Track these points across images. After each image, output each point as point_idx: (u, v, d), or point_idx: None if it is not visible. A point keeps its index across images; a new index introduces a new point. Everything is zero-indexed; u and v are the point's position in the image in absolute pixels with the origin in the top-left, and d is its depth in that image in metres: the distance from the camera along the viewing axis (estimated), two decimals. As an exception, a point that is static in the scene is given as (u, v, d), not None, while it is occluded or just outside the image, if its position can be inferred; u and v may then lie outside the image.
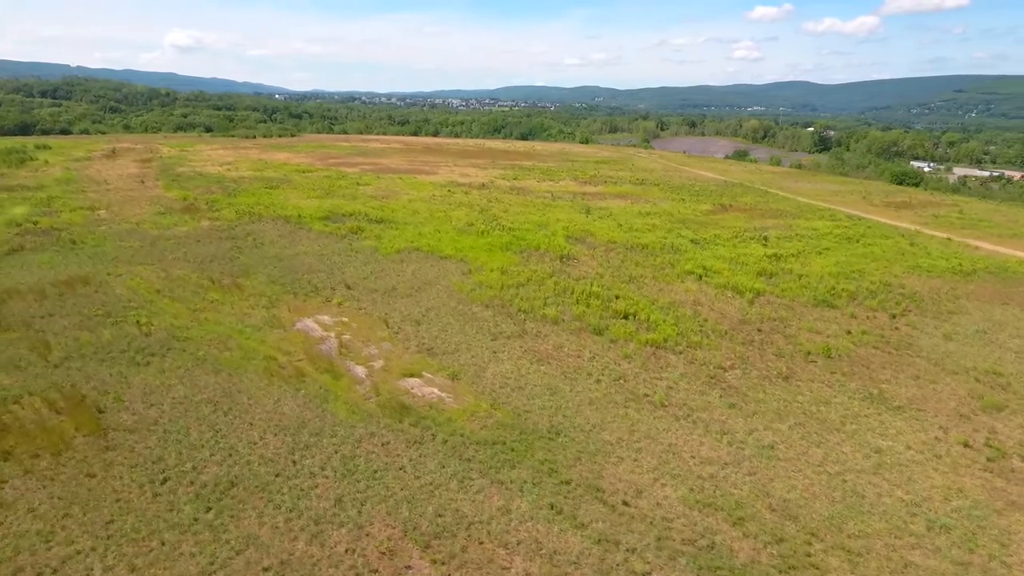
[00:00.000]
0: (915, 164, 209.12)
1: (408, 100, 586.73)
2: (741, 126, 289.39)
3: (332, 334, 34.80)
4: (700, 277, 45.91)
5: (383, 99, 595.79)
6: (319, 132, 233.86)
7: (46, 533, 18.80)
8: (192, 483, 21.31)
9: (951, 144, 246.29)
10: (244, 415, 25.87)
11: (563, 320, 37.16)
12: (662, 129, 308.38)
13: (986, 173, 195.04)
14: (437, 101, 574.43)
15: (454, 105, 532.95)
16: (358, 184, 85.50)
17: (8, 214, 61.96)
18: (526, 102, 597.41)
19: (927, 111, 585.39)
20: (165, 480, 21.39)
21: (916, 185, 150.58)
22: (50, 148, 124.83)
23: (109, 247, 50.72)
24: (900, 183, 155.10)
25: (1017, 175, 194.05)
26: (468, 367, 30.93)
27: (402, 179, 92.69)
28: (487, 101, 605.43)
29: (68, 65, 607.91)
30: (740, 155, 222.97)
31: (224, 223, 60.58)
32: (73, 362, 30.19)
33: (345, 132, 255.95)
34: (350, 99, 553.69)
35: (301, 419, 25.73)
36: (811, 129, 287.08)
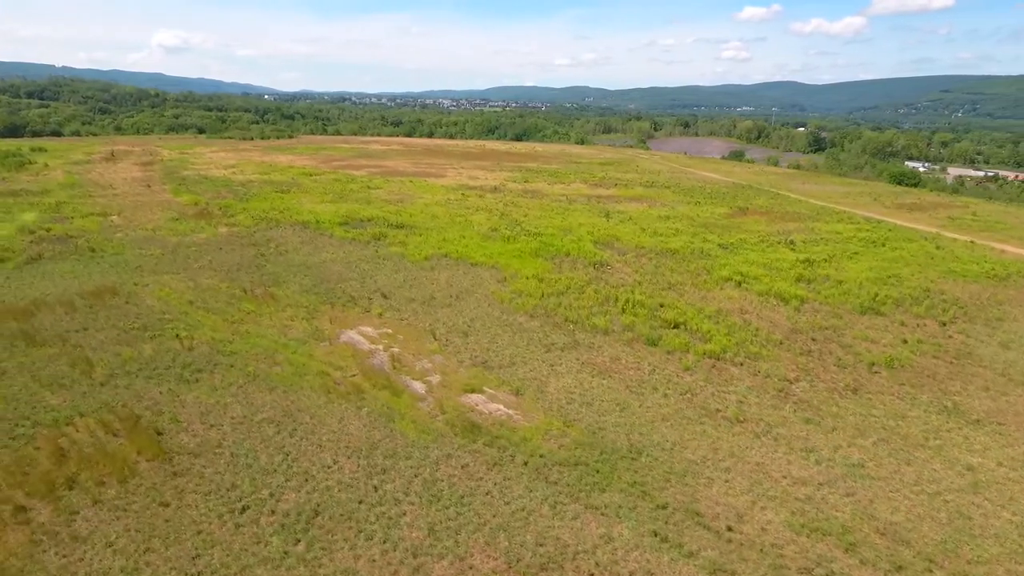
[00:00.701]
0: (909, 164, 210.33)
1: (399, 100, 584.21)
2: (735, 126, 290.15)
3: (380, 347, 33.75)
4: (739, 284, 45.22)
5: (373, 99, 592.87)
6: (313, 133, 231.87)
7: (131, 571, 17.71)
8: (273, 512, 20.27)
9: (943, 144, 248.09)
10: (311, 436, 24.81)
11: (613, 330, 36.32)
12: (656, 130, 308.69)
13: (981, 173, 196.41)
14: (428, 102, 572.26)
15: (445, 106, 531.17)
16: (369, 188, 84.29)
17: (19, 220, 60.31)
18: (517, 102, 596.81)
19: (914, 111, 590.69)
20: (244, 509, 20.34)
21: (915, 185, 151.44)
22: (46, 151, 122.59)
23: (129, 255, 49.34)
24: (899, 183, 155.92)
25: (1012, 175, 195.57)
26: (529, 381, 30.01)
27: (412, 182, 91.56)
28: (478, 101, 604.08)
29: (53, 65, 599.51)
30: (737, 155, 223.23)
31: (242, 229, 59.26)
32: (119, 379, 28.98)
33: (339, 133, 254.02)
34: (340, 99, 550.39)
35: (371, 440, 24.72)
36: (803, 129, 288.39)
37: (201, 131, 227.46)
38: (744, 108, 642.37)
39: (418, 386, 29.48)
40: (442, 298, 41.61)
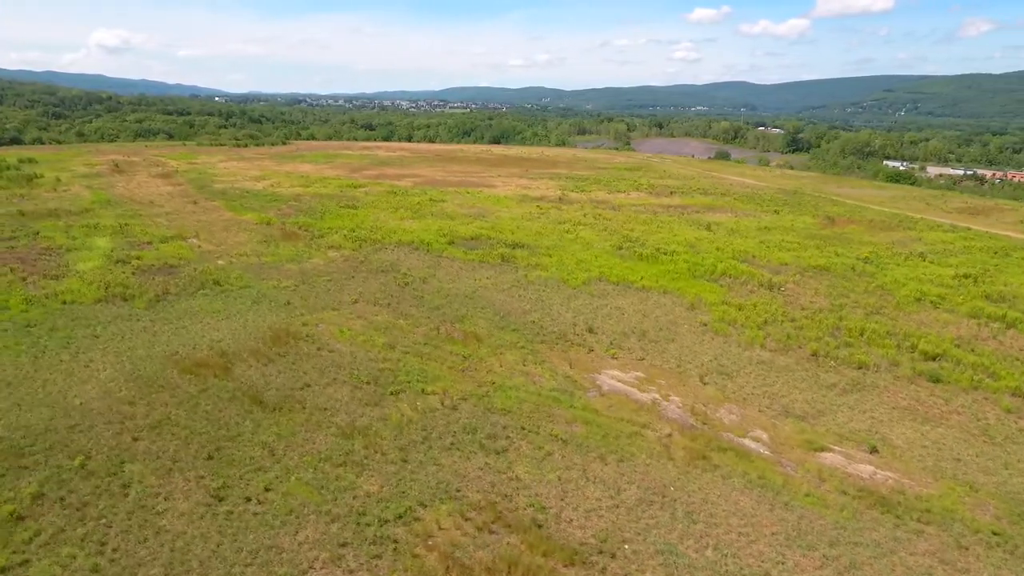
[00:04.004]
0: (888, 163, 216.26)
1: (355, 102, 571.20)
2: (710, 127, 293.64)
3: (655, 395, 30.25)
4: (935, 305, 43.27)
5: (328, 100, 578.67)
6: (289, 139, 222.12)
7: None
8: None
9: (913, 143, 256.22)
10: (712, 520, 21.30)
11: (879, 367, 33.64)
12: (630, 131, 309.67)
13: (960, 172, 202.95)
14: (386, 103, 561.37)
15: (404, 107, 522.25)
16: (432, 201, 79.75)
17: (94, 247, 53.94)
18: (475, 103, 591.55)
19: (860, 110, 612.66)
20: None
21: (912, 184, 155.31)
22: (36, 161, 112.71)
23: (260, 288, 44.23)
24: (896, 182, 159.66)
25: (989, 173, 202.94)
26: (861, 433, 27.17)
27: (469, 193, 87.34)
28: (436, 103, 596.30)
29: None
30: (722, 156, 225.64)
31: (349, 253, 54.47)
32: (417, 453, 24.79)
33: (314, 138, 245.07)
34: (295, 101, 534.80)
35: (786, 521, 21.37)
36: (778, 131, 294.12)
37: (170, 136, 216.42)
38: (698, 108, 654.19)
39: (752, 444, 26.16)
40: (653, 332, 38.25)
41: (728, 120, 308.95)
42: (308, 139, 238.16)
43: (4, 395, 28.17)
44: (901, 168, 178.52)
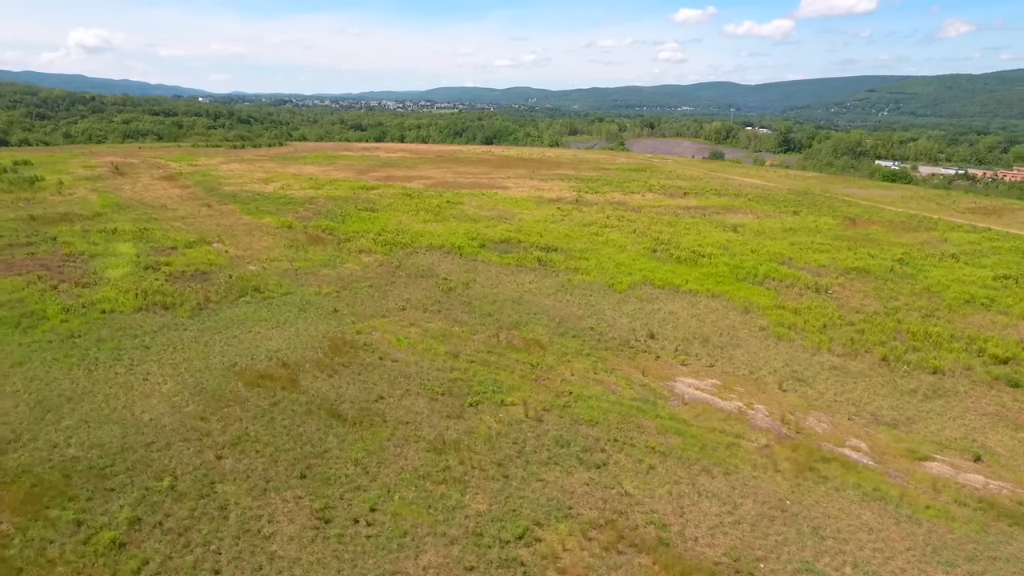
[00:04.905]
0: (880, 163, 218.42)
1: (342, 102, 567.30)
2: (702, 127, 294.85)
3: (738, 403, 29.61)
4: (986, 307, 43.08)
5: (314, 101, 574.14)
6: (281, 140, 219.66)
7: None
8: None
9: (901, 143, 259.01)
10: (843, 537, 20.66)
11: (954, 372, 33.27)
12: (622, 131, 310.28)
13: (951, 171, 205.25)
14: (373, 103, 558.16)
15: (391, 107, 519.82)
16: (450, 203, 78.71)
17: (118, 253, 52.40)
18: (462, 104, 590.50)
19: (844, 110, 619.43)
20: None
21: (908, 183, 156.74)
22: (31, 164, 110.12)
23: (302, 294, 43.06)
24: (892, 181, 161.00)
25: (980, 173, 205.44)
26: (959, 440, 26.63)
27: (484, 195, 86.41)
28: (423, 103, 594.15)
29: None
30: (716, 156, 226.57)
31: (381, 257, 53.38)
32: (516, 468, 23.90)
33: (305, 139, 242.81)
34: (280, 102, 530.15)
35: (912, 535, 20.74)
36: (765, 131, 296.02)
37: (159, 137, 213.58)
38: (684, 108, 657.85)
39: (853, 454, 25.57)
40: (715, 337, 37.63)
41: (720, 120, 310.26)
42: (300, 140, 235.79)
43: (68, 411, 26.91)
44: (895, 168, 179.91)
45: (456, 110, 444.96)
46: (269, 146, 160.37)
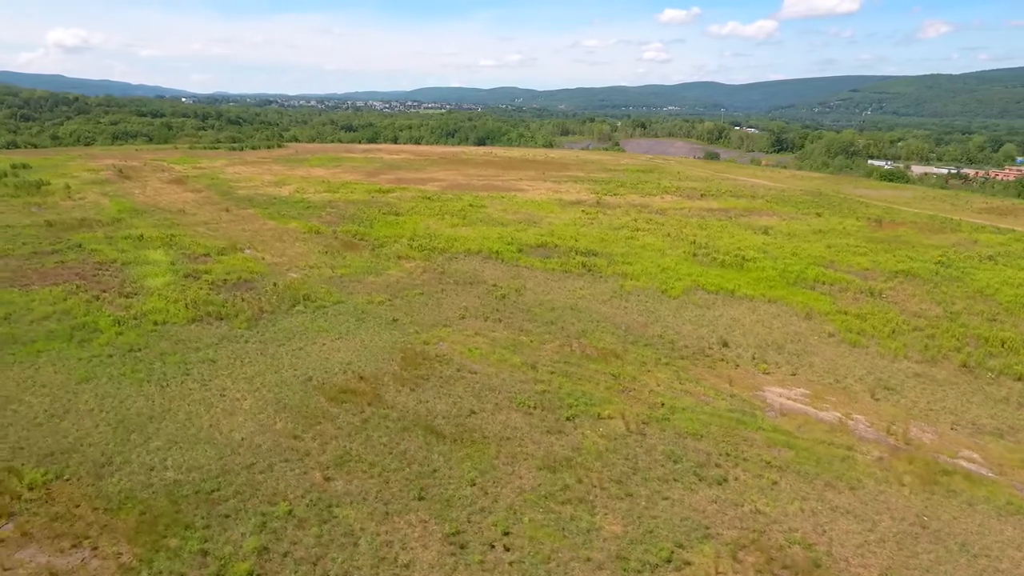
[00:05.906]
0: (873, 162, 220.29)
1: (327, 102, 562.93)
2: (694, 127, 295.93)
3: (837, 413, 29.09)
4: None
5: (300, 101, 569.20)
6: (274, 140, 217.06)
7: None
8: None
9: (892, 143, 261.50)
10: (994, 555, 20.29)
11: (1036, 377, 32.99)
12: (614, 131, 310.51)
13: (943, 171, 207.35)
14: (359, 103, 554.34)
15: (378, 107, 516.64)
16: (472, 207, 77.85)
17: (152, 261, 50.98)
18: (449, 104, 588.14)
19: (828, 109, 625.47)
20: None
21: (905, 183, 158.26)
22: (31, 167, 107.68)
23: (352, 302, 42.04)
24: (890, 180, 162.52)
25: (972, 172, 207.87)
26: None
27: (504, 197, 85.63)
28: (409, 104, 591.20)
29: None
30: (711, 156, 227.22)
31: (423, 264, 52.46)
32: (635, 486, 23.22)
33: (296, 140, 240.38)
34: (264, 102, 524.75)
35: (1067, 553, 20.18)
36: (754, 131, 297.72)
37: (149, 139, 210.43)
38: (670, 108, 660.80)
39: (971, 466, 25.12)
40: (788, 344, 37.18)
41: (712, 120, 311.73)
42: (291, 141, 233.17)
43: (153, 431, 25.77)
44: (890, 168, 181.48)
45: (443, 110, 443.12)
46: (268, 148, 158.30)
